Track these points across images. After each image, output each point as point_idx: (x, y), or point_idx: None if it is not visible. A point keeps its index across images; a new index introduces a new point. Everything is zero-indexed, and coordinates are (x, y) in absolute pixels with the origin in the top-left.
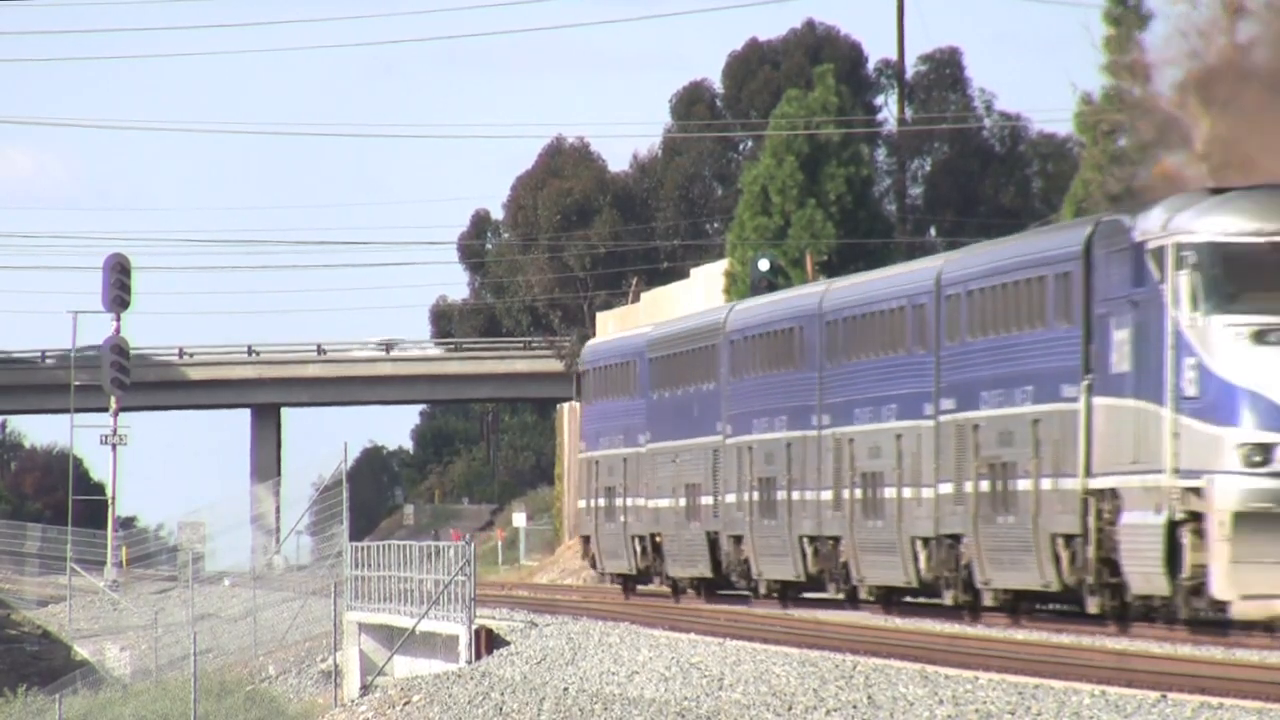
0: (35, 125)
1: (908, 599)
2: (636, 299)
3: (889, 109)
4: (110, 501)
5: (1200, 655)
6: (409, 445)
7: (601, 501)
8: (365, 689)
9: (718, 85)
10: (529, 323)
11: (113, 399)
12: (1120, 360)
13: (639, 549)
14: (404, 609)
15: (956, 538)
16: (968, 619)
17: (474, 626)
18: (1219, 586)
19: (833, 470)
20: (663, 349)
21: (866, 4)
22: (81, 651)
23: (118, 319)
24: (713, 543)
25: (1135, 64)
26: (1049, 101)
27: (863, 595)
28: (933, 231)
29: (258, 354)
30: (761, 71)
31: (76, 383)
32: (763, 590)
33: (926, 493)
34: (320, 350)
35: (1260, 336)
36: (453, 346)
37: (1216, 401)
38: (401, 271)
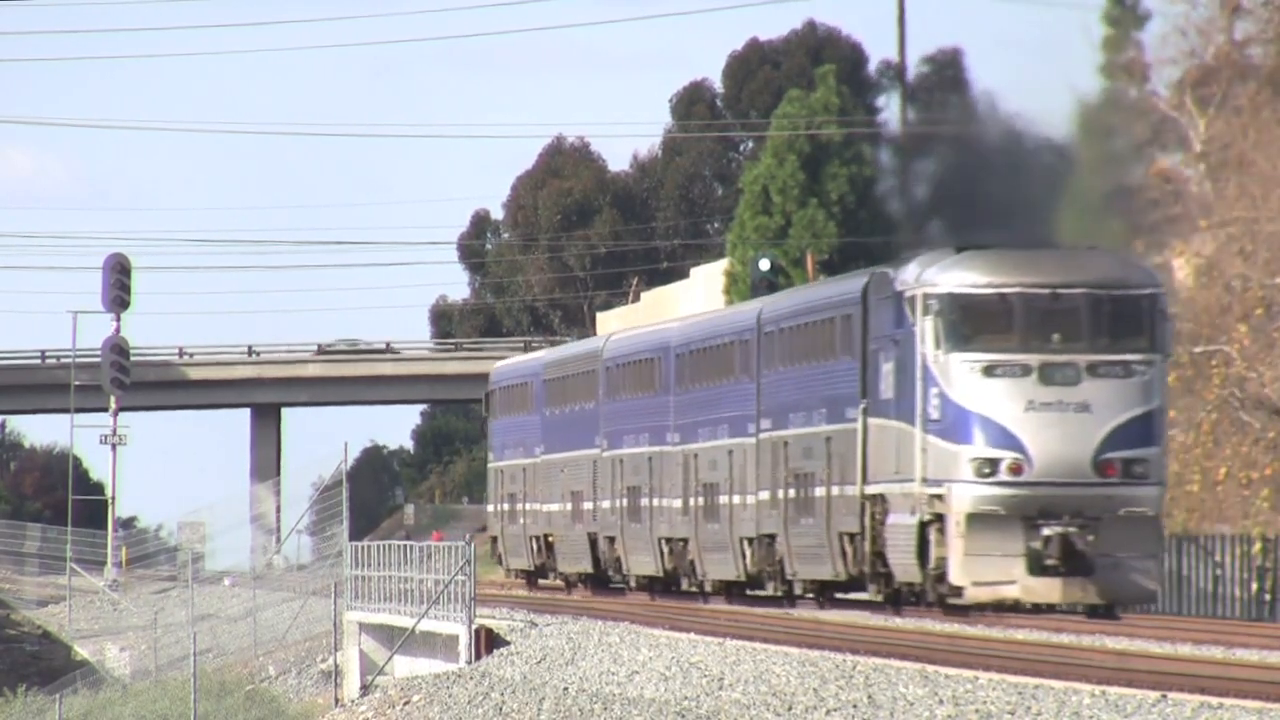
0: (35, 125)
1: (748, 592)
2: (637, 299)
3: (890, 110)
4: (110, 501)
5: (1200, 655)
6: (409, 445)
7: (506, 506)
8: (365, 689)
9: (718, 85)
10: (529, 323)
11: (112, 399)
12: (886, 388)
13: (535, 548)
14: (404, 609)
15: (773, 537)
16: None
17: (474, 626)
18: (955, 574)
19: (682, 481)
20: (554, 372)
21: (867, 4)
22: (81, 651)
23: (118, 319)
24: (593, 542)
25: (1133, 64)
26: (1048, 102)
27: (707, 588)
28: (933, 230)
29: (258, 354)
30: (762, 72)
31: (76, 383)
32: (633, 584)
33: (750, 499)
34: (320, 350)
35: (989, 370)
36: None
37: (954, 424)
38: (401, 271)
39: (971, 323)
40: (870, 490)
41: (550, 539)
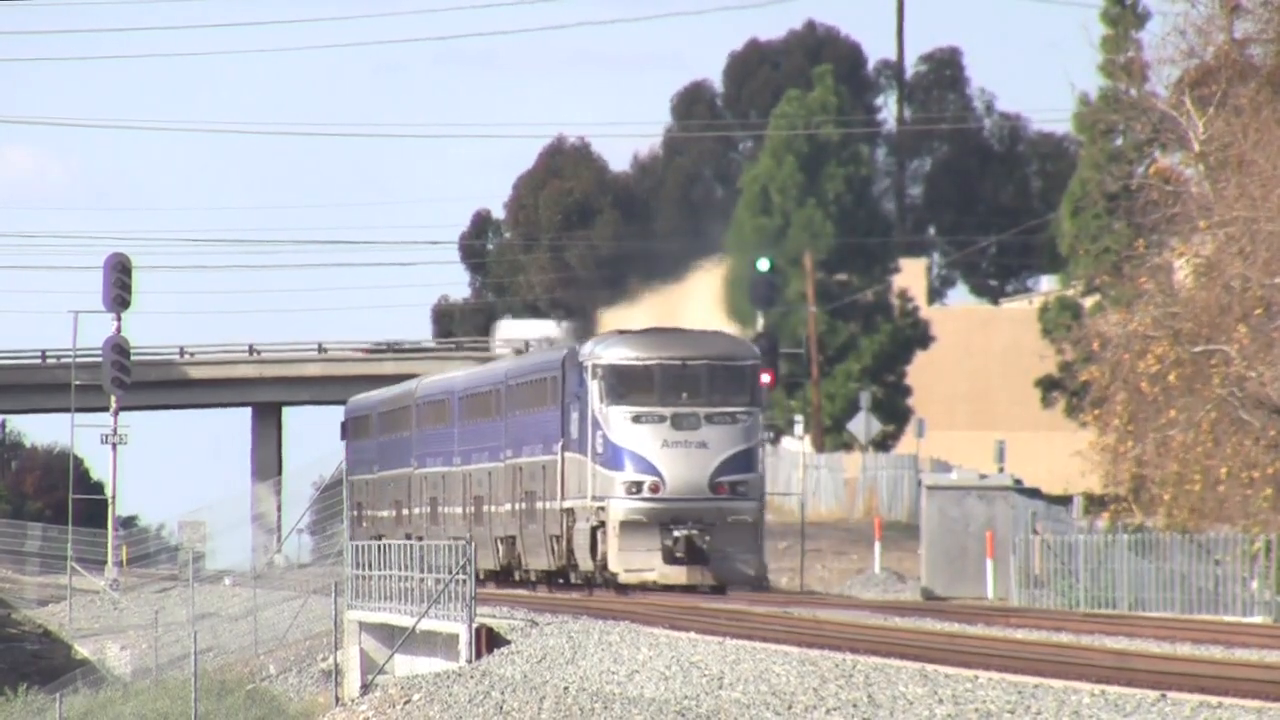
0: (35, 125)
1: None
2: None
3: (888, 109)
4: (110, 501)
5: (1200, 655)
6: None
7: (355, 512)
8: (365, 688)
9: (718, 85)
10: None
11: (113, 399)
12: (574, 431)
13: None
14: (404, 608)
15: (514, 538)
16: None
17: (474, 625)
18: (612, 564)
19: (462, 494)
20: (386, 406)
21: (867, 4)
22: (82, 651)
23: (118, 319)
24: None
25: (1132, 63)
26: (1048, 101)
27: (481, 577)
28: (932, 230)
29: (258, 353)
30: (762, 72)
31: (77, 382)
32: None
33: (501, 509)
34: (321, 349)
35: (636, 419)
36: (454, 345)
37: (612, 457)
38: (402, 271)
39: (624, 384)
40: (565, 505)
41: (383, 538)
